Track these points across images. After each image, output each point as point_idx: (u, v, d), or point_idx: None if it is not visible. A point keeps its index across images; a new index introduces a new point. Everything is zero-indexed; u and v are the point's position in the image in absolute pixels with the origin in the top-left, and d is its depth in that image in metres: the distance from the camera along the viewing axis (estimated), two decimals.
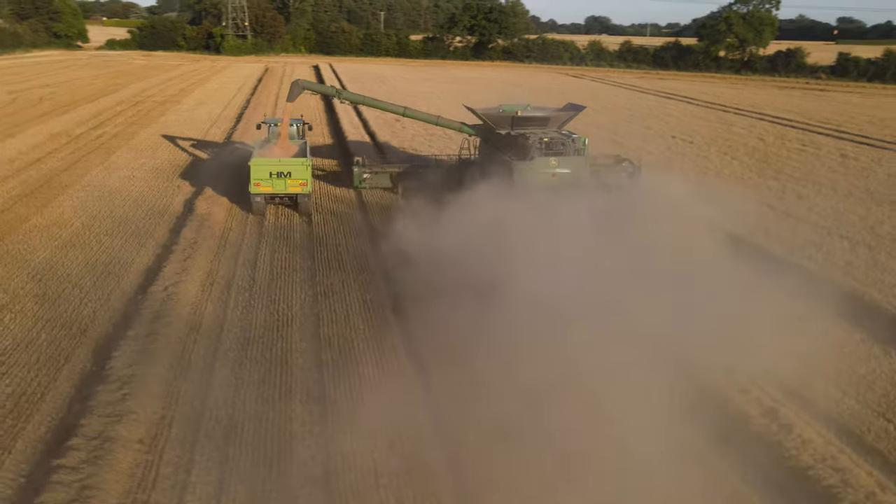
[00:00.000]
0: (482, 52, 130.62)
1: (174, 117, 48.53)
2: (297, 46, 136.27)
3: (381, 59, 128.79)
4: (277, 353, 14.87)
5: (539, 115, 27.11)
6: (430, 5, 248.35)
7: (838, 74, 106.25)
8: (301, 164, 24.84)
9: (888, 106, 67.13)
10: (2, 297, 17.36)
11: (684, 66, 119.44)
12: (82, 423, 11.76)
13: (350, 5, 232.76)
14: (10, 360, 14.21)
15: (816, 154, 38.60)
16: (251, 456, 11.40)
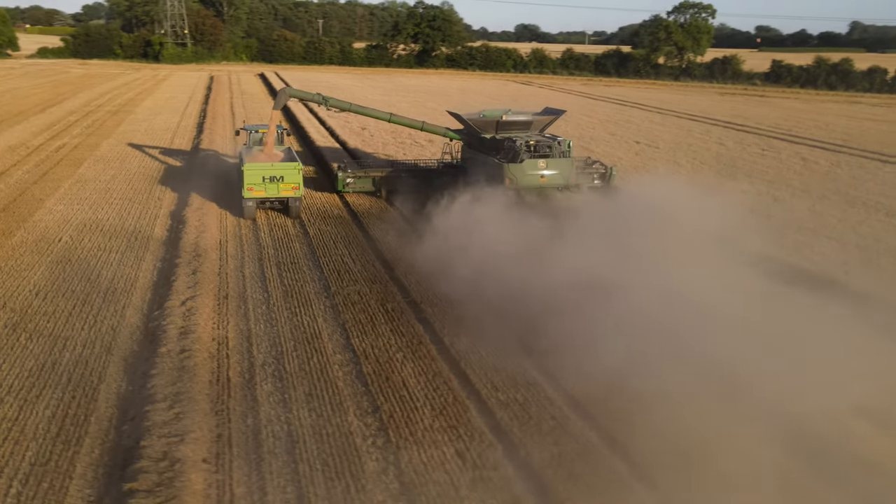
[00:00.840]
0: (426, 59, 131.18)
1: (132, 128, 47.32)
2: (239, 55, 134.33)
3: (325, 67, 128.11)
4: (316, 366, 14.60)
5: (522, 119, 28.04)
6: (366, 13, 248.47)
7: (772, 81, 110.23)
8: (293, 169, 25.24)
9: (827, 111, 69.76)
10: (11, 316, 16.64)
11: (625, 74, 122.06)
12: (143, 445, 11.33)
13: (286, 13, 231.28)
14: (40, 382, 13.63)
15: (778, 158, 39.82)
16: (322, 472, 11.16)
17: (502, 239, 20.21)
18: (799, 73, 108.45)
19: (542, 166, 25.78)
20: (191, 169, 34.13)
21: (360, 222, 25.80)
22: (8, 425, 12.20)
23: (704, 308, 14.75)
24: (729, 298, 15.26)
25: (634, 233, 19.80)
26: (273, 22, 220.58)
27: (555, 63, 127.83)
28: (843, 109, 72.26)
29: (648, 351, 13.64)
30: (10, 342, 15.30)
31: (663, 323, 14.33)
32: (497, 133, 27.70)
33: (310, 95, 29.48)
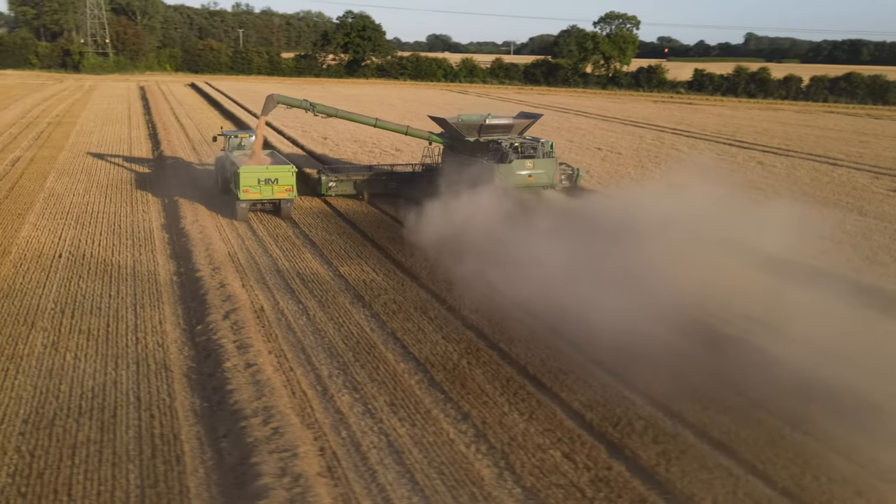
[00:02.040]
0: (356, 69, 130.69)
1: (83, 139, 45.64)
2: (162, 64, 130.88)
3: (254, 77, 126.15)
4: (386, 376, 14.43)
5: (504, 122, 29.37)
6: (283, 23, 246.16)
7: (695, 89, 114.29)
8: (288, 171, 25.94)
9: (757, 117, 72.76)
10: (47, 335, 15.87)
11: (554, 82, 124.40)
12: (255, 462, 11.01)
13: (201, 22, 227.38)
14: (110, 402, 13.06)
15: (736, 162, 41.35)
16: (441, 481, 11.05)
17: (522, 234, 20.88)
18: (720, 82, 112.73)
19: (530, 166, 27.29)
20: (163, 178, 33.55)
21: (360, 230, 25.53)
22: (95, 447, 11.66)
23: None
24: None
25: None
26: (189, 31, 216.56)
27: (484, 72, 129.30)
28: (771, 116, 75.50)
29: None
30: (58, 362, 14.60)
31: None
32: (480, 136, 28.89)
33: (297, 102, 29.76)
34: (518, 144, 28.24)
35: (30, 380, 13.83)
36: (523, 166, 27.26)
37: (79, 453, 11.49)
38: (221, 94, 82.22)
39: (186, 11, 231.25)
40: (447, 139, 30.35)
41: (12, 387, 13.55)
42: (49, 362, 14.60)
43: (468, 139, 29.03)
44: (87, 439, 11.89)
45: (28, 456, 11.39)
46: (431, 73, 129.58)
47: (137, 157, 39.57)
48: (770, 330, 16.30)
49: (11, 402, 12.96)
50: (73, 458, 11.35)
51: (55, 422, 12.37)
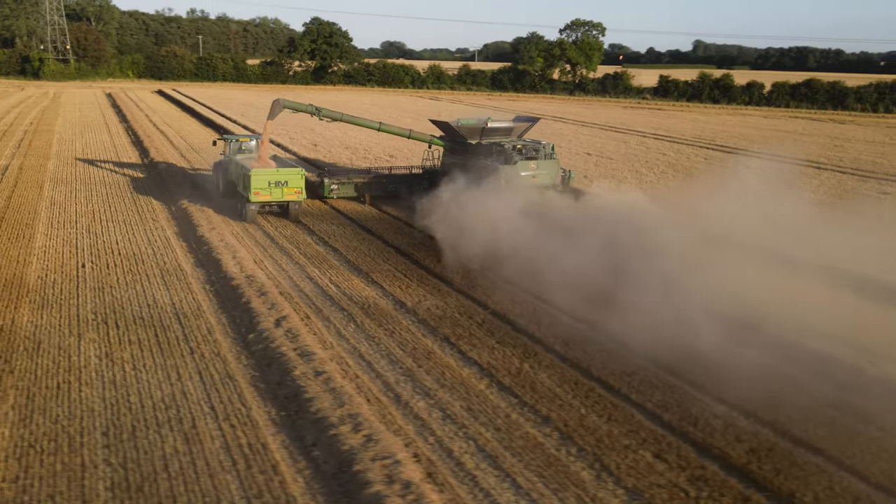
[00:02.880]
0: (323, 76, 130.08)
1: (66, 147, 44.74)
2: (125, 71, 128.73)
3: (220, 83, 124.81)
4: (454, 381, 14.42)
5: (504, 125, 30.46)
6: (240, 29, 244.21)
7: (661, 95, 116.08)
8: (297, 174, 26.58)
9: (728, 122, 74.34)
10: (98, 346, 15.55)
11: (521, 89, 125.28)
12: (358, 470, 10.93)
13: (157, 28, 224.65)
14: (186, 414, 12.83)
15: (725, 166, 42.08)
16: (543, 483, 11.09)
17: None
18: (685, 88, 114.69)
19: (533, 167, 28.27)
20: (161, 184, 33.61)
21: (379, 236, 25.41)
22: (187, 459, 11.46)
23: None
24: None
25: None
26: (145, 38, 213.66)
27: (452, 79, 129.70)
28: (741, 121, 77.10)
29: None
30: (118, 373, 14.31)
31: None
32: (482, 139, 29.74)
33: (303, 106, 30.43)
34: (520, 147, 29.03)
35: (96, 392, 13.53)
36: (527, 167, 28.11)
37: (171, 465, 11.27)
38: (193, 101, 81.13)
39: (142, 17, 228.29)
40: (449, 142, 31.04)
41: (80, 399, 13.24)
42: (109, 374, 14.30)
43: (470, 142, 29.75)
44: (174, 451, 11.66)
45: (120, 469, 11.14)
46: (399, 79, 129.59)
47: (128, 164, 39.03)
48: None
49: (85, 415, 12.67)
50: (167, 471, 11.13)
51: (136, 434, 12.12)
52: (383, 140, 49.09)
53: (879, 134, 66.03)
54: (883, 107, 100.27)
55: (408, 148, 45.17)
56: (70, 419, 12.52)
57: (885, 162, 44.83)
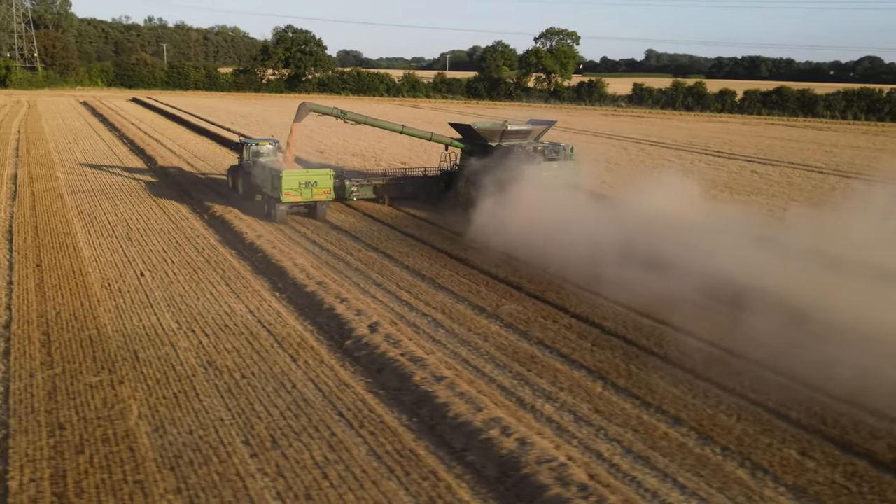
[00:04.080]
0: (297, 84, 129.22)
1: (67, 156, 43.89)
2: (94, 79, 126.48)
3: (192, 92, 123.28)
4: (568, 383, 14.38)
5: (523, 128, 31.17)
6: (200, 38, 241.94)
7: (635, 102, 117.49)
8: (326, 175, 27.52)
9: (714, 129, 75.56)
10: (196, 354, 15.20)
11: (497, 96, 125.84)
12: (528, 473, 10.84)
13: (117, 37, 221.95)
14: (317, 421, 12.61)
15: (729, 170, 42.79)
16: (703, 482, 11.12)
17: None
18: (659, 96, 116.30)
19: (556, 168, 29.00)
20: (180, 190, 33.83)
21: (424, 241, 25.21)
22: (341, 467, 11.25)
23: None
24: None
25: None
26: (104, 46, 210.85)
27: (427, 87, 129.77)
28: (724, 127, 78.40)
29: None
30: (229, 382, 14.01)
31: None
32: (502, 141, 30.37)
33: (328, 109, 31.14)
34: (541, 148, 29.80)
35: (216, 401, 13.23)
36: (550, 168, 28.78)
37: (330, 474, 11.06)
38: (176, 109, 79.93)
39: (100, 25, 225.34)
40: (468, 144, 31.51)
41: (204, 409, 12.93)
42: (221, 383, 13.98)
43: (490, 144, 30.33)
44: (325, 459, 11.44)
45: (278, 478, 10.90)
46: (374, 87, 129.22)
47: (136, 171, 38.50)
48: None
49: (217, 425, 12.37)
50: (327, 479, 10.91)
51: (278, 443, 11.87)
52: (388, 146, 49.10)
53: (860, 139, 67.65)
54: (851, 114, 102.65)
55: (414, 153, 45.22)
56: (204, 429, 12.21)
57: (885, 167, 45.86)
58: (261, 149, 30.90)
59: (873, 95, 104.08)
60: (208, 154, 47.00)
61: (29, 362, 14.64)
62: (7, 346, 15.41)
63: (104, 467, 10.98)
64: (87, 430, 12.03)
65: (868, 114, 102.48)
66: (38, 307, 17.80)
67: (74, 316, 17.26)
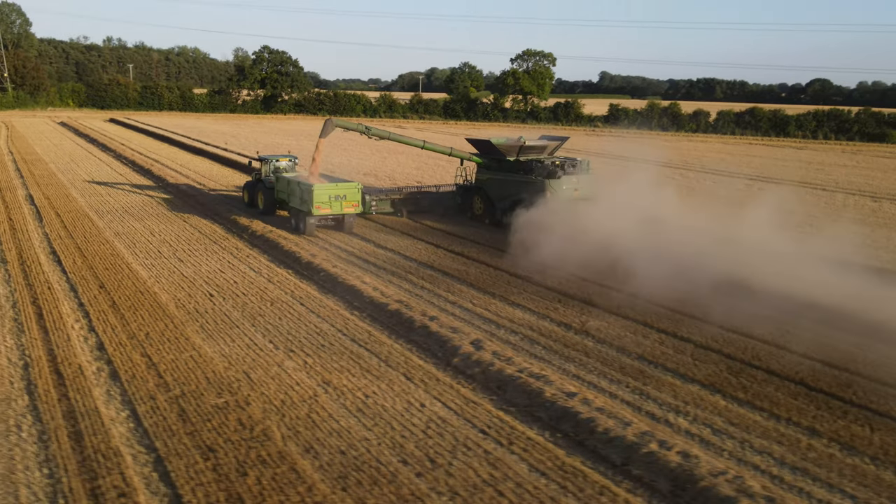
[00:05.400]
0: (273, 105, 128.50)
1: (72, 176, 42.99)
2: (65, 100, 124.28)
3: (166, 112, 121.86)
4: (690, 397, 14.45)
5: (540, 143, 32.33)
6: (161, 58, 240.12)
7: (611, 123, 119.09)
8: (354, 188, 28.44)
9: (701, 148, 77.13)
10: (309, 375, 14.94)
11: (474, 117, 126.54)
12: (704, 486, 10.84)
13: (77, 57, 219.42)
14: (463, 440, 12.48)
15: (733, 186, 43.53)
16: (888, 497, 11.25)
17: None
18: (635, 116, 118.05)
19: (575, 182, 29.85)
20: (202, 209, 33.79)
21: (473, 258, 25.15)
22: (512, 483, 11.15)
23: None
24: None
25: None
26: (65, 66, 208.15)
27: (404, 108, 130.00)
28: (710, 147, 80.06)
29: None
30: (357, 402, 13.84)
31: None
32: (519, 155, 31.36)
33: (353, 125, 32.27)
34: (559, 162, 30.63)
35: (352, 421, 13.05)
36: (570, 181, 29.58)
37: (505, 491, 10.96)
38: (162, 129, 78.88)
39: (60, 45, 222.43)
40: (486, 159, 32.34)
41: (343, 429, 12.73)
42: (348, 402, 13.80)
43: (508, 158, 31.22)
44: (492, 477, 11.36)
45: (455, 496, 10.78)
46: (350, 108, 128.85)
47: (148, 189, 37.91)
48: None
49: (362, 445, 12.18)
50: (504, 497, 10.80)
51: (436, 461, 11.73)
52: (394, 165, 49.14)
53: (842, 158, 69.40)
54: (822, 133, 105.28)
55: (422, 172, 45.36)
56: (354, 449, 12.02)
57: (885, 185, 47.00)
58: (281, 165, 32.20)
59: (842, 116, 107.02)
60: (213, 173, 46.57)
61: (143, 384, 14.27)
62: (112, 369, 14.99)
63: (277, 489, 10.73)
64: (240, 452, 11.75)
65: (838, 133, 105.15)
66: (124, 329, 17.36)
67: (165, 337, 16.88)
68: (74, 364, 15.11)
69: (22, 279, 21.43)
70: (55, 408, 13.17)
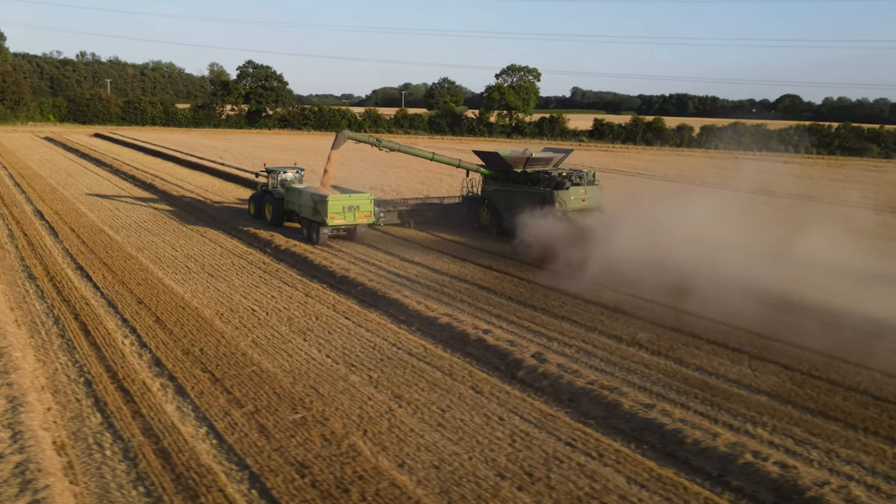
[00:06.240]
0: (257, 119, 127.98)
1: (74, 191, 42.40)
2: (45, 115, 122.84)
3: (148, 127, 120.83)
4: (758, 407, 14.49)
5: (545, 156, 33.05)
6: (137, 73, 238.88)
7: (596, 137, 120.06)
8: (367, 199, 29.11)
9: (692, 163, 77.86)
10: (378, 390, 14.77)
11: (459, 132, 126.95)
12: (811, 496, 10.83)
13: (52, 72, 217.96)
14: (554, 454, 12.38)
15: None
16: None
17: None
18: (619, 131, 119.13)
19: (583, 192, 30.56)
20: (215, 222, 33.82)
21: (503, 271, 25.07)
22: (618, 495, 11.05)
23: None
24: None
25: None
26: (39, 81, 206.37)
27: (389, 122, 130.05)
28: (698, 161, 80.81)
29: None
30: (435, 416, 13.69)
31: None
32: (526, 167, 31.97)
33: (365, 137, 33.81)
34: (566, 174, 31.13)
35: (437, 436, 12.91)
36: (578, 192, 30.26)
37: None
38: (150, 144, 78.20)
39: (35, 60, 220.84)
40: (493, 170, 32.92)
41: (428, 443, 12.57)
42: (427, 418, 13.66)
43: (515, 170, 31.85)
44: (593, 489, 11.30)
45: None
46: (335, 123, 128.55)
47: (154, 204, 37.50)
48: None
49: (452, 460, 12.05)
50: None
51: (534, 475, 11.60)
52: (411, 181, 49.08)
53: (830, 172, 70.59)
54: (804, 147, 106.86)
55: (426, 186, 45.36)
56: (448, 464, 11.88)
57: None
58: (288, 176, 33.12)
59: (823, 130, 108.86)
60: (213, 187, 46.32)
61: (213, 400, 14.02)
62: (177, 385, 14.72)
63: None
64: (335, 468, 11.57)
65: (819, 148, 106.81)
66: (176, 344, 17.08)
67: (220, 353, 16.63)
68: (138, 380, 14.81)
69: (55, 294, 21.03)
70: (131, 425, 12.88)
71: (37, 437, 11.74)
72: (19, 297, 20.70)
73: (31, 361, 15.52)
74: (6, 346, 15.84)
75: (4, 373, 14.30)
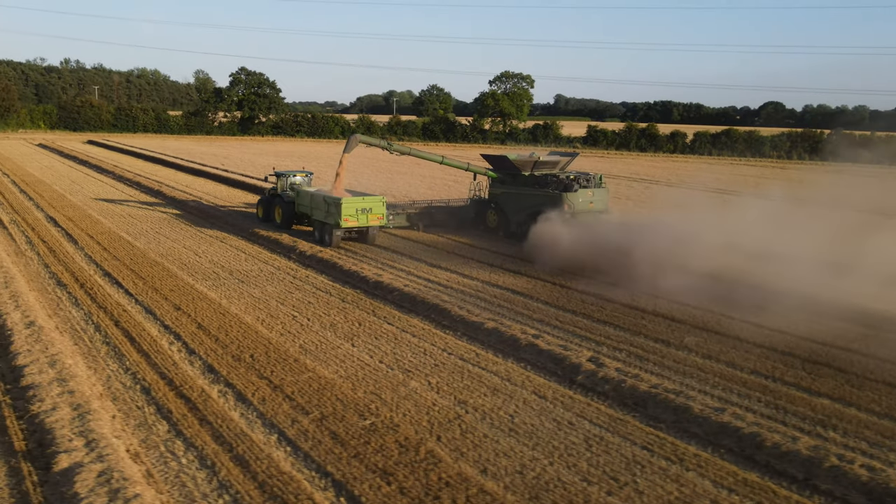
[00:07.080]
0: (250, 126, 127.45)
1: (81, 198, 41.92)
2: (36, 122, 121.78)
3: (140, 134, 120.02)
4: (803, 405, 14.43)
5: (552, 159, 33.71)
6: (122, 80, 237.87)
7: (590, 144, 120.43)
8: (379, 202, 29.47)
9: (688, 168, 78.29)
10: (444, 402, 14.60)
11: (453, 138, 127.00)
12: None
13: (37, 79, 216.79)
14: (632, 458, 12.25)
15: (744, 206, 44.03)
16: None
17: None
18: (613, 137, 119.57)
19: (590, 195, 30.95)
20: (230, 227, 33.87)
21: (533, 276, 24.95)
22: (707, 501, 10.91)
23: None
24: None
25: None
26: (24, 88, 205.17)
27: (383, 129, 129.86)
28: (695, 167, 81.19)
29: None
30: (504, 420, 13.54)
31: None
32: (534, 171, 32.51)
33: (376, 141, 34.34)
34: (574, 176, 31.53)
35: (511, 441, 12.75)
36: (586, 195, 30.70)
37: None
38: (147, 150, 77.65)
39: (19, 67, 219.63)
40: (501, 173, 33.38)
41: (506, 450, 12.42)
42: (494, 422, 13.51)
43: (523, 173, 32.41)
44: (682, 494, 11.16)
45: None
46: (328, 130, 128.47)
47: (165, 210, 37.10)
48: None
49: (538, 466, 11.87)
50: None
51: (620, 479, 11.47)
52: (414, 186, 48.95)
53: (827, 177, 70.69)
54: (796, 154, 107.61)
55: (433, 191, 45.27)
56: (531, 470, 11.72)
57: None
58: (297, 180, 33.61)
59: (815, 137, 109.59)
60: (219, 192, 46.19)
61: (278, 407, 13.80)
62: (237, 391, 14.48)
63: None
64: (418, 475, 11.40)
65: (811, 154, 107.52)
66: (224, 351, 16.84)
67: (271, 359, 16.41)
68: (196, 387, 14.56)
69: (90, 301, 20.71)
70: (200, 432, 12.63)
71: (112, 445, 11.47)
72: (53, 304, 20.36)
73: (84, 369, 15.23)
74: (57, 353, 15.53)
75: (63, 380, 14.01)
